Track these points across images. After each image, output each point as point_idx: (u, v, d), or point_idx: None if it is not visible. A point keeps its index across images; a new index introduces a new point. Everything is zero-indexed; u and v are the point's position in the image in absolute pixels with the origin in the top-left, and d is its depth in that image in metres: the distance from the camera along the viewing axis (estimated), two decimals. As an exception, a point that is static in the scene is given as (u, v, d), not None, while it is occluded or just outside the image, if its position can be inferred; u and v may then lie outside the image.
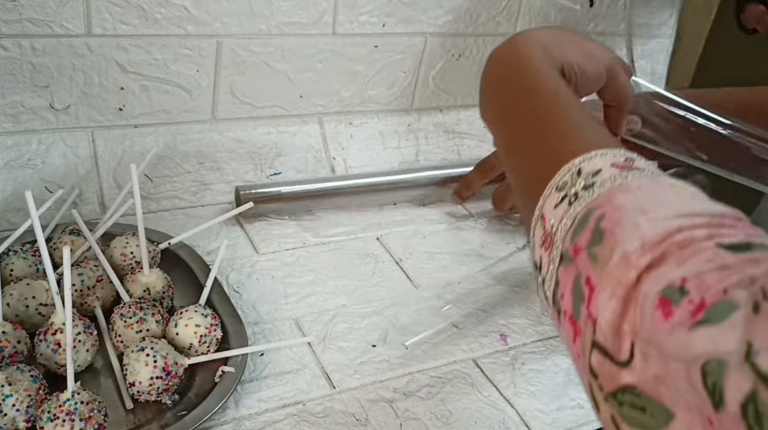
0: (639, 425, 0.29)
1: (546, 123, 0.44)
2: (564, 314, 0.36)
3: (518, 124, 0.46)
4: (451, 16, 0.92)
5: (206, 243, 0.76)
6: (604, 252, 0.33)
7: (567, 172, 0.38)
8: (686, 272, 0.29)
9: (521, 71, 0.48)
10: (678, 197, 0.34)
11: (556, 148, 0.41)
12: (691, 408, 0.26)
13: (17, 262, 0.63)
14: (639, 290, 0.30)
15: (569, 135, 0.42)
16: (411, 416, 0.60)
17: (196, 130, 0.83)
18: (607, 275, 0.32)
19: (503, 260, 0.82)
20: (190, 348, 0.59)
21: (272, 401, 0.59)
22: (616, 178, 0.36)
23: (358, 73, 0.90)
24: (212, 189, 0.83)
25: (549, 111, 0.45)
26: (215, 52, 0.80)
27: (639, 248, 0.31)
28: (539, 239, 0.39)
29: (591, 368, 0.32)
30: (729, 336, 0.26)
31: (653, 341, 0.28)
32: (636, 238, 0.31)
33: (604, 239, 0.33)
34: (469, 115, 1.02)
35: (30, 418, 0.51)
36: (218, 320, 0.61)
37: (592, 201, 0.36)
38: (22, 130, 0.74)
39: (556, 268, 0.37)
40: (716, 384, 0.25)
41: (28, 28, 0.69)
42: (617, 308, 0.30)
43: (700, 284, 0.28)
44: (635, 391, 0.29)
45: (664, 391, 0.28)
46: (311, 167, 0.89)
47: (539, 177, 0.40)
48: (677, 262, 0.29)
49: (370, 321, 0.69)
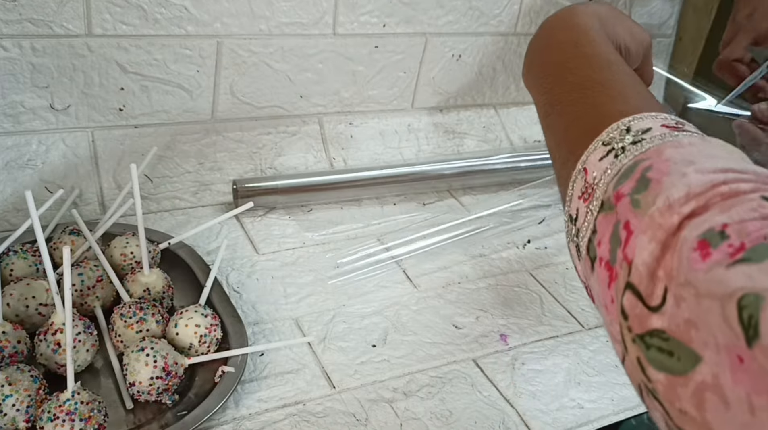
0: (665, 368, 0.29)
1: (598, 87, 0.44)
2: (600, 260, 0.36)
3: (569, 86, 0.46)
4: (451, 16, 0.92)
5: (206, 243, 0.76)
6: (647, 199, 0.33)
7: (615, 130, 0.39)
8: (728, 218, 0.29)
9: (578, 38, 0.49)
10: (728, 155, 0.34)
11: (605, 108, 0.42)
12: (721, 349, 0.26)
13: (17, 262, 0.63)
14: (679, 236, 0.30)
15: (620, 99, 0.42)
16: (411, 416, 0.60)
17: (196, 130, 0.83)
18: (648, 219, 0.32)
19: (504, 259, 0.82)
20: (190, 348, 0.59)
21: (272, 401, 0.59)
22: (666, 136, 0.36)
23: (358, 73, 0.90)
24: (212, 189, 0.83)
25: (603, 77, 0.45)
26: (215, 53, 0.80)
27: (684, 197, 0.31)
28: (578, 191, 0.40)
29: (622, 309, 0.32)
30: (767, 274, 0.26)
31: (689, 282, 0.28)
32: (682, 186, 0.32)
33: (650, 187, 0.33)
34: (469, 115, 1.02)
35: (30, 418, 0.51)
36: (218, 320, 0.61)
37: (641, 153, 0.36)
38: (22, 131, 0.74)
39: (595, 217, 0.37)
40: (752, 317, 0.25)
41: (29, 28, 0.69)
42: (655, 251, 0.31)
43: (741, 229, 0.28)
44: (664, 335, 0.29)
45: (694, 335, 0.28)
46: (311, 168, 0.89)
47: (585, 133, 0.41)
48: (720, 210, 0.30)
49: (370, 321, 0.69)
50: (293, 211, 0.84)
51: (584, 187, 0.39)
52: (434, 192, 0.93)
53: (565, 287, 0.79)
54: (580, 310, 0.76)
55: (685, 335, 0.28)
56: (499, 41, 0.98)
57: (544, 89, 0.50)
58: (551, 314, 0.75)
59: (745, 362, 0.25)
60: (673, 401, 0.29)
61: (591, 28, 0.50)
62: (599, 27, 0.50)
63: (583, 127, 0.42)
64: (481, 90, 1.01)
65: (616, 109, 0.41)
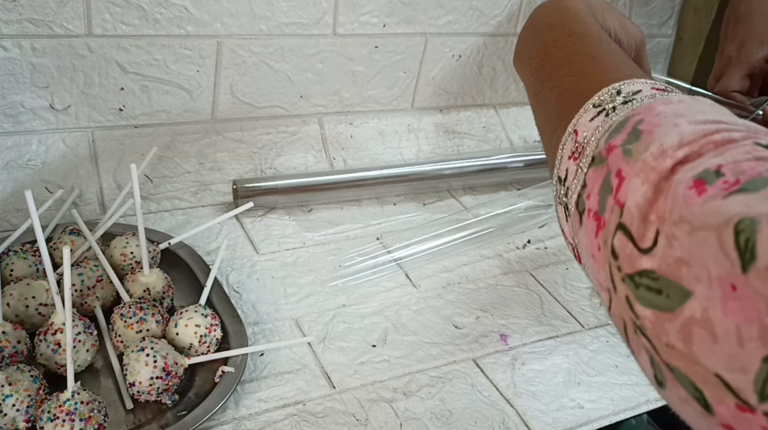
0: (653, 305, 0.30)
1: (588, 60, 0.45)
2: (588, 212, 0.36)
3: (558, 62, 0.47)
4: (451, 16, 0.92)
5: (206, 243, 0.76)
6: (639, 147, 0.33)
7: (606, 93, 0.40)
8: (723, 160, 0.29)
9: (567, 19, 0.50)
10: (717, 111, 0.35)
11: (596, 77, 0.42)
12: (713, 281, 0.27)
13: (17, 262, 0.63)
14: (672, 180, 0.30)
15: (611, 68, 0.43)
16: (411, 416, 0.60)
17: (196, 130, 0.83)
18: (641, 164, 0.32)
19: (504, 259, 0.82)
20: (190, 348, 0.59)
21: (272, 401, 0.59)
22: (656, 95, 0.37)
23: (358, 73, 0.90)
24: (212, 189, 0.83)
25: (592, 51, 0.46)
26: (215, 53, 0.80)
27: (677, 144, 0.32)
28: (568, 152, 0.40)
29: (613, 249, 0.33)
30: (764, 202, 0.26)
31: (684, 218, 0.29)
32: (674, 135, 0.32)
33: (641, 138, 0.34)
34: (469, 115, 1.02)
35: (30, 418, 0.51)
36: (218, 320, 0.61)
37: (631, 110, 0.37)
38: (22, 131, 0.74)
39: (585, 172, 0.37)
40: (749, 241, 0.26)
41: (29, 28, 0.69)
42: (648, 193, 0.31)
43: (735, 168, 0.29)
44: (653, 275, 0.30)
45: (685, 272, 0.28)
46: (311, 168, 0.89)
47: (576, 101, 0.41)
48: (715, 154, 0.30)
49: (370, 321, 0.69)
50: (293, 211, 0.84)
51: (574, 147, 0.39)
52: (434, 192, 0.93)
53: (565, 287, 0.79)
54: (580, 310, 0.76)
55: (675, 273, 0.29)
56: (499, 41, 0.98)
57: (533, 69, 0.50)
58: (551, 314, 0.75)
59: (739, 289, 0.26)
60: (660, 335, 0.29)
61: (580, 11, 0.50)
62: (587, 10, 0.51)
63: (573, 95, 0.43)
64: (481, 90, 1.01)
65: (608, 76, 0.41)
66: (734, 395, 0.26)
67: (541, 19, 0.53)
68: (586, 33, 0.48)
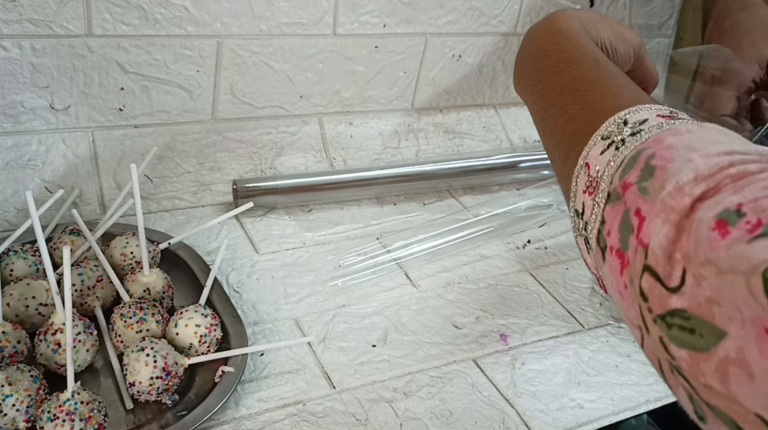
0: (688, 345, 0.29)
1: (589, 86, 0.45)
2: (610, 250, 0.36)
3: (559, 89, 0.47)
4: (451, 16, 0.92)
5: (206, 243, 0.76)
6: (654, 185, 0.33)
7: (612, 124, 0.39)
8: (742, 198, 0.29)
9: (561, 43, 0.49)
10: (727, 139, 0.35)
11: (599, 105, 0.42)
12: (746, 322, 0.27)
13: (17, 262, 0.63)
14: (692, 218, 0.30)
15: (612, 94, 0.43)
16: (411, 416, 0.60)
17: (196, 130, 0.83)
18: (660, 204, 0.32)
19: (504, 259, 0.82)
20: (190, 348, 0.59)
21: (272, 401, 0.59)
22: (663, 125, 0.37)
23: (359, 73, 0.90)
24: (212, 189, 0.83)
25: (591, 76, 0.45)
26: (215, 53, 0.80)
27: (693, 180, 0.31)
28: (582, 186, 0.40)
29: (641, 291, 0.32)
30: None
31: (710, 260, 0.28)
32: (689, 170, 0.32)
33: (655, 175, 0.33)
34: (469, 115, 1.02)
35: (30, 418, 0.51)
36: (218, 320, 0.61)
37: (641, 143, 0.36)
38: (22, 131, 0.74)
39: (602, 208, 0.37)
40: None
41: (29, 28, 0.69)
42: (670, 233, 0.31)
43: (756, 207, 0.28)
44: (685, 314, 0.29)
45: (717, 311, 0.28)
46: (311, 168, 0.89)
47: (583, 130, 0.41)
48: (733, 191, 0.30)
49: (370, 321, 0.69)
50: (293, 211, 0.84)
51: (588, 181, 0.39)
52: (434, 192, 0.93)
53: (565, 287, 0.79)
54: (580, 310, 0.76)
55: (707, 312, 0.28)
56: (499, 41, 0.98)
57: (535, 96, 0.50)
58: (551, 314, 0.75)
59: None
60: (697, 376, 0.29)
61: (573, 31, 0.50)
62: (580, 29, 0.51)
63: (579, 125, 0.42)
64: (481, 90, 1.01)
65: (611, 104, 0.41)
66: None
67: (536, 43, 0.53)
68: (584, 56, 0.48)
